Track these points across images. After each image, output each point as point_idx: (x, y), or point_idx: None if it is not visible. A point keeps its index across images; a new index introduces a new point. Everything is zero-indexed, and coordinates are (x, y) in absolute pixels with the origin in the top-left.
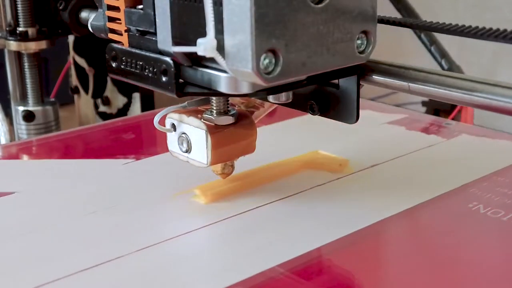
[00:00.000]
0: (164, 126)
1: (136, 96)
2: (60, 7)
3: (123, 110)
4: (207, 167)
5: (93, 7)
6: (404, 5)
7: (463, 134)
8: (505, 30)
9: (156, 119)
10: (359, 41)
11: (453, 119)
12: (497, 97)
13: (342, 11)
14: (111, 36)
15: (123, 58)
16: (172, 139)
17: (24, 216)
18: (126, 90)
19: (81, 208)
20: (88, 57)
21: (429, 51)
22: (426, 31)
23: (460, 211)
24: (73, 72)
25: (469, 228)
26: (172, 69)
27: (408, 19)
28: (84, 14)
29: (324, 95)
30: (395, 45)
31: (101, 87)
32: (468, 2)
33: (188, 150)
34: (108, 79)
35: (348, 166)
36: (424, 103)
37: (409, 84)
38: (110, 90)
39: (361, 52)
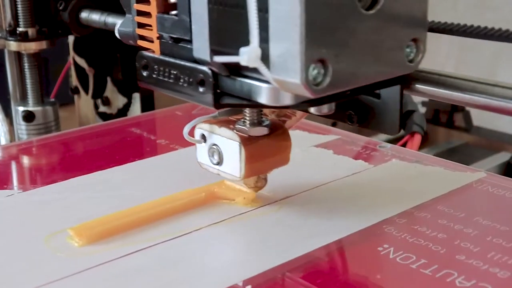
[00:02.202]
0: (193, 137)
1: (136, 97)
2: (60, 7)
3: (123, 110)
4: (240, 180)
5: (93, 7)
6: None
7: (394, 159)
8: (505, 30)
9: (186, 130)
10: (408, 49)
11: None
12: (497, 97)
13: (393, 18)
14: (140, 43)
15: (155, 67)
16: (202, 151)
17: None
18: (126, 90)
19: None
20: (88, 57)
21: None
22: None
23: (368, 255)
24: (73, 72)
25: (372, 278)
26: (211, 79)
27: None
28: (84, 14)
29: (363, 105)
30: None
31: (101, 87)
32: (468, 2)
33: (219, 163)
34: (108, 79)
35: (254, 199)
36: (424, 103)
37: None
38: (110, 90)
39: (410, 61)
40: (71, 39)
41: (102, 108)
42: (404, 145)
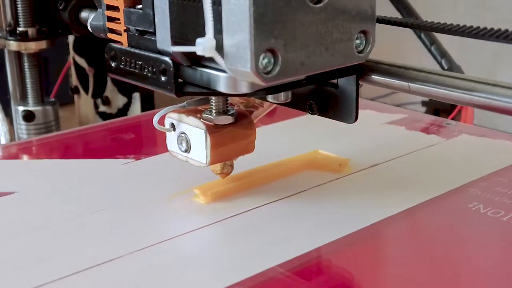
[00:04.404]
0: (164, 125)
1: (136, 96)
2: (60, 7)
3: (123, 110)
4: (206, 166)
5: (93, 7)
6: (404, 4)
7: (463, 134)
8: (505, 30)
9: (156, 119)
10: (358, 41)
11: (453, 118)
12: (497, 97)
13: (341, 11)
14: (110, 36)
15: (122, 58)
16: (171, 139)
17: (24, 216)
18: (126, 90)
19: (80, 208)
20: (88, 57)
21: (429, 50)
22: (426, 31)
23: (460, 211)
24: (73, 72)
25: (470, 228)
26: (171, 69)
27: (408, 19)
28: (84, 14)
29: (323, 95)
30: (395, 45)
31: (101, 87)
32: (468, 2)
33: (187, 150)
34: (108, 79)
35: (348, 166)
36: (424, 103)
37: (409, 84)
38: (110, 90)
39: (360, 52)
40: (71, 38)
41: (102, 108)
42: (457, 115)
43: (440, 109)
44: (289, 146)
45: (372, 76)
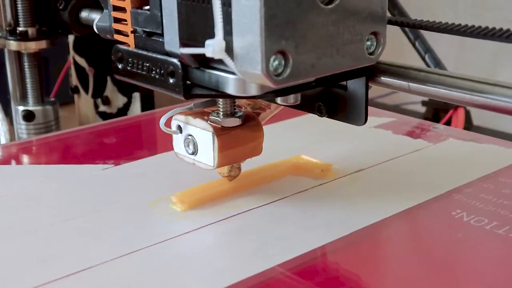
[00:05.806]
0: (170, 127)
1: (136, 96)
2: (60, 7)
3: (123, 110)
4: (213, 169)
5: (93, 7)
6: (394, 3)
7: (450, 138)
8: (505, 30)
9: (162, 121)
10: (368, 42)
11: (445, 123)
12: (497, 97)
13: (352, 12)
14: (117, 37)
15: (129, 60)
16: (178, 141)
17: (7, 222)
18: (126, 90)
19: (58, 214)
20: (88, 56)
21: (413, 45)
22: (427, 30)
23: (443, 219)
24: (73, 71)
25: (451, 237)
26: (180, 71)
27: (409, 19)
28: (84, 14)
29: (332, 97)
30: (395, 45)
31: (101, 87)
32: (468, 2)
33: (194, 152)
34: (108, 78)
35: (331, 172)
36: (424, 103)
37: (409, 84)
38: (110, 90)
39: (370, 54)
40: (71, 38)
41: (102, 108)
42: (449, 120)
43: (440, 108)
44: (274, 151)
45: (382, 78)
